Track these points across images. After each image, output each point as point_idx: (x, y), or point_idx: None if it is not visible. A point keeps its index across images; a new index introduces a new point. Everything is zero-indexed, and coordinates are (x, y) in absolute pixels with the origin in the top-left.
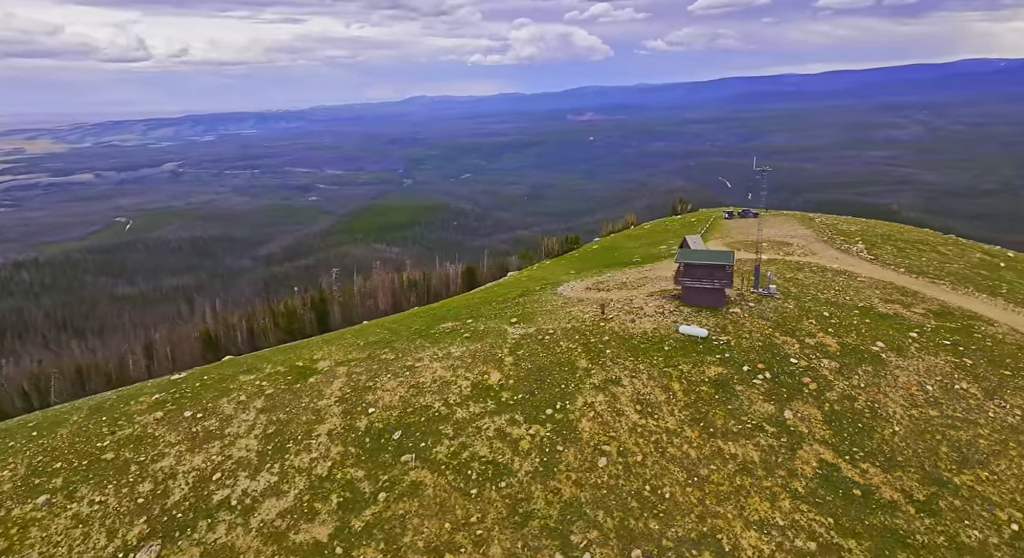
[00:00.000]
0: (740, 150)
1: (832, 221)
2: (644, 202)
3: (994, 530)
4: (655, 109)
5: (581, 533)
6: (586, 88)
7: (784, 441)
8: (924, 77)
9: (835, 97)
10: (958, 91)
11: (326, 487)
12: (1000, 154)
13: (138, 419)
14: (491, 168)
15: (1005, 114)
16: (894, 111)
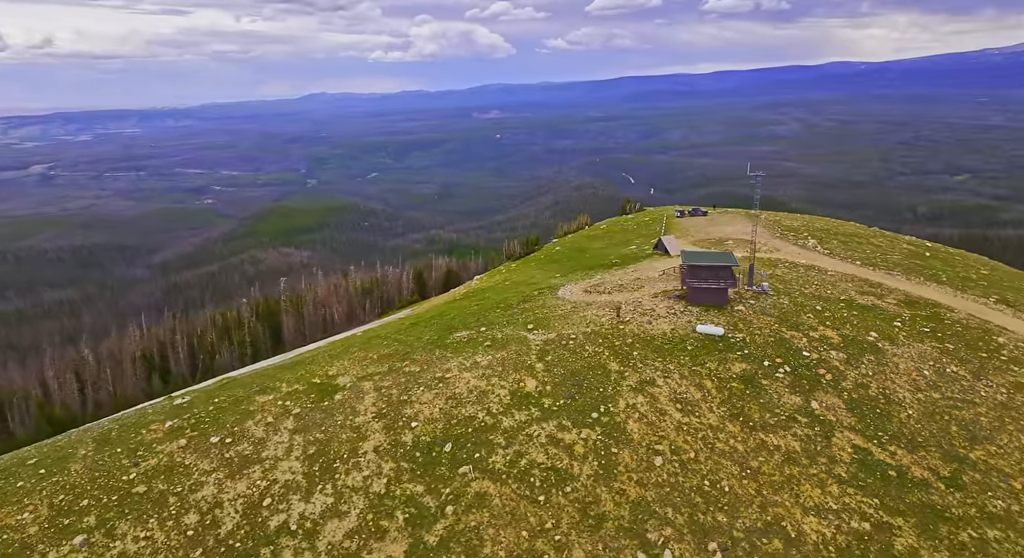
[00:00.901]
0: (640, 147)
1: (776, 218)
2: (551, 198)
3: (1013, 498)
4: (559, 107)
5: (656, 531)
6: (490, 86)
7: (818, 430)
8: (799, 77)
9: (723, 96)
10: (828, 91)
11: (387, 504)
12: (867, 148)
13: (160, 448)
14: (399, 167)
15: (869, 112)
16: (775, 109)
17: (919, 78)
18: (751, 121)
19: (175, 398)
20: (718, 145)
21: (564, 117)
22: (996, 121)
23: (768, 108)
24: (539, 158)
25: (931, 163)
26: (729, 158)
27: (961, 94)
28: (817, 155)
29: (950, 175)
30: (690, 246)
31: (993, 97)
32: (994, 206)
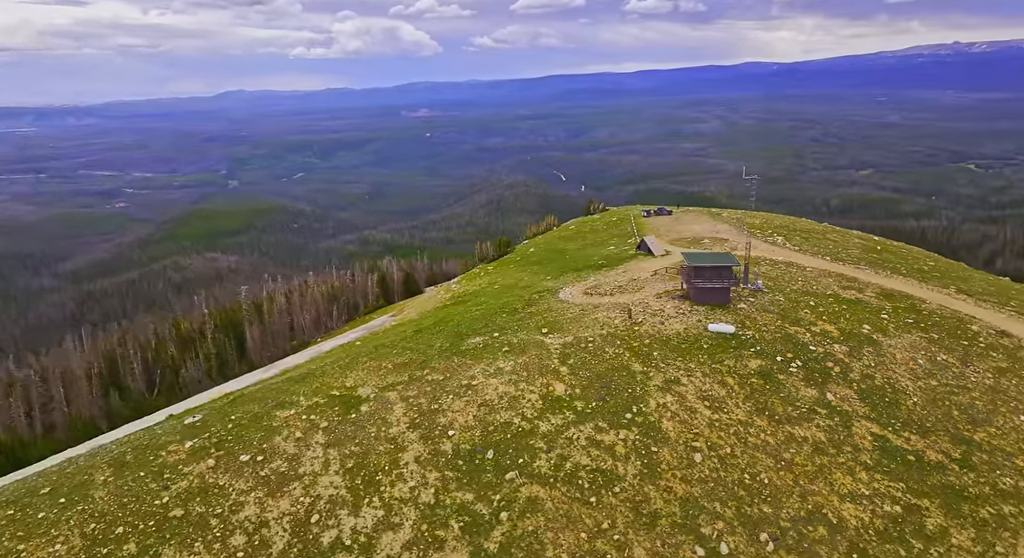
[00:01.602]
0: (571, 145)
1: (737, 215)
2: (485, 197)
3: (1019, 475)
4: (488, 105)
5: (708, 525)
6: (418, 84)
7: (838, 421)
8: (718, 77)
9: (648, 94)
10: (745, 90)
11: (439, 514)
12: (783, 146)
13: (187, 470)
14: (326, 166)
15: (782, 110)
16: (697, 107)
17: (825, 78)
18: (676, 119)
19: (183, 417)
20: (645, 142)
21: (494, 115)
22: (893, 119)
23: (691, 106)
24: (470, 157)
25: (839, 159)
26: (657, 155)
27: (862, 94)
28: (738, 152)
29: (856, 170)
30: (669, 246)
31: (890, 97)
32: (896, 199)
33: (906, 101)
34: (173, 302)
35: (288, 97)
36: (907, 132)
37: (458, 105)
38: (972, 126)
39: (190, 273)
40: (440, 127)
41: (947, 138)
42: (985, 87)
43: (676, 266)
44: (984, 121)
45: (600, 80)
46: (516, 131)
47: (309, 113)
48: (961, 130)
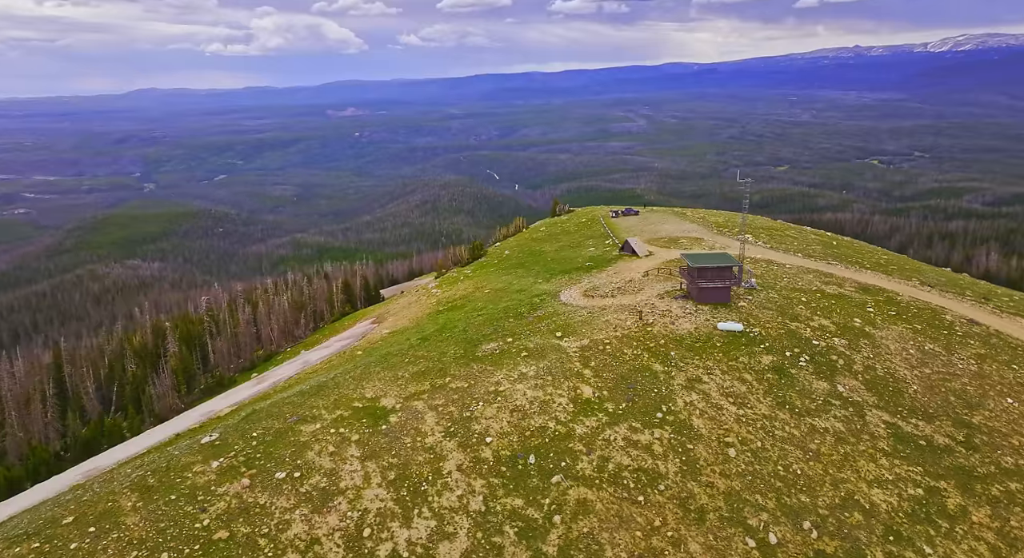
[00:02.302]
0: (502, 143)
1: (702, 214)
2: (419, 197)
3: (1017, 454)
4: (416, 104)
5: (754, 516)
6: (343, 82)
7: (852, 411)
8: (642, 77)
9: (575, 93)
10: (667, 90)
11: (492, 521)
12: (704, 143)
13: (221, 491)
14: (250, 168)
15: (703, 110)
16: (624, 106)
17: (741, 79)
18: (603, 118)
19: (196, 436)
20: (575, 141)
21: (423, 114)
22: (805, 118)
23: (617, 105)
24: (401, 156)
25: (757, 155)
26: (587, 153)
27: (775, 93)
28: (665, 150)
29: (773, 166)
30: (650, 246)
31: (801, 97)
32: (811, 193)
33: (815, 101)
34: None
35: (206, 96)
36: (817, 130)
37: (386, 104)
38: (873, 124)
39: (109, 282)
40: (369, 126)
41: (853, 135)
42: (883, 88)
43: (663, 266)
44: (883, 120)
45: (528, 79)
46: (447, 130)
47: (229, 112)
48: (864, 128)
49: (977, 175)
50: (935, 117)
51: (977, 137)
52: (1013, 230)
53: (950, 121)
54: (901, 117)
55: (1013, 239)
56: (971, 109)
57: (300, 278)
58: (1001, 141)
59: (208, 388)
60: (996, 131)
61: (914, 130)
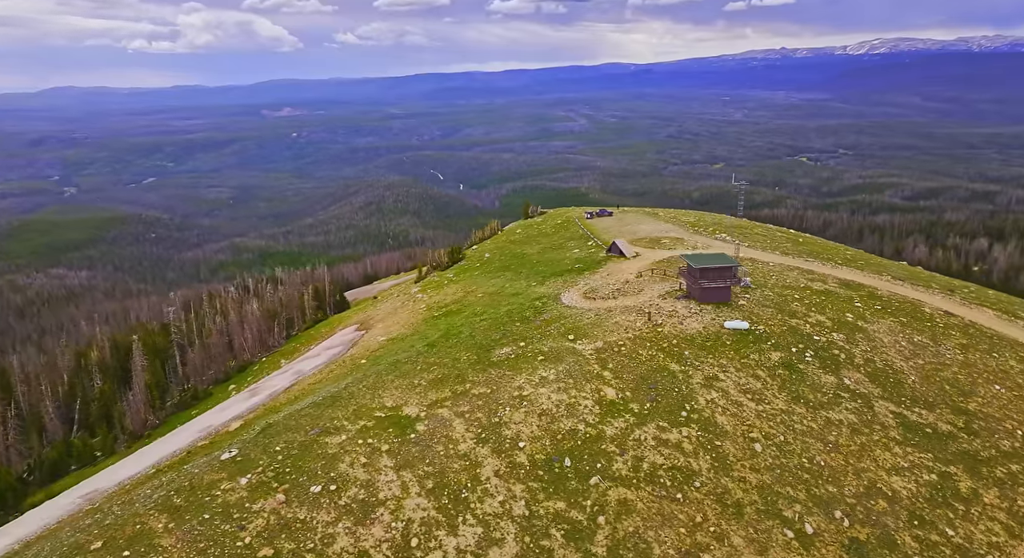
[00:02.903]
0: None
1: (673, 214)
2: (363, 198)
3: (1012, 437)
4: (356, 104)
5: (788, 508)
6: (278, 82)
7: (860, 403)
8: (581, 77)
9: (516, 93)
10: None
11: (537, 525)
12: (644, 142)
13: (257, 507)
14: (181, 170)
15: (642, 109)
16: (565, 106)
17: (677, 79)
18: (545, 117)
19: (214, 451)
20: (518, 140)
21: (363, 114)
22: (738, 117)
23: (558, 105)
24: (342, 157)
25: (694, 154)
26: (530, 153)
27: (709, 94)
28: (606, 149)
29: (709, 164)
30: (635, 247)
31: (733, 97)
32: (749, 190)
33: (747, 100)
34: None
35: (129, 95)
36: (750, 129)
37: (324, 103)
38: (801, 123)
39: (33, 294)
40: (307, 126)
41: (783, 134)
42: (808, 88)
43: (655, 267)
44: (810, 119)
45: (469, 78)
46: (388, 130)
47: (156, 112)
48: (793, 127)
49: (896, 171)
50: (856, 116)
51: (894, 135)
52: (934, 223)
53: (870, 120)
54: (826, 116)
55: (935, 231)
56: (887, 109)
57: (263, 284)
58: (915, 139)
59: (182, 402)
60: (910, 129)
61: (838, 128)
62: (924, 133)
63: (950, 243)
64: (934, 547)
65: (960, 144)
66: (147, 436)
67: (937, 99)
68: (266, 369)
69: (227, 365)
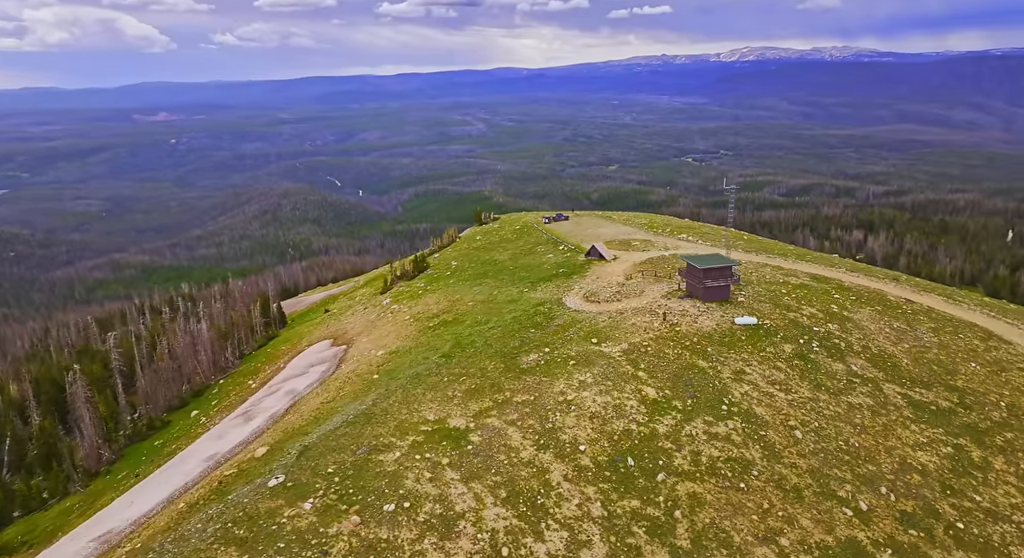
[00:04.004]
0: (340, 148)
1: (626, 217)
2: (257, 207)
3: (1000, 408)
4: (240, 108)
5: (840, 488)
6: (150, 84)
7: (871, 387)
8: (475, 81)
9: (411, 97)
10: (501, 93)
11: (618, 524)
12: (541, 145)
13: (333, 531)
14: (40, 181)
15: (536, 113)
16: (461, 110)
17: (568, 83)
18: (442, 121)
19: (256, 479)
20: (416, 145)
21: (249, 119)
22: (627, 120)
23: (454, 109)
24: (228, 164)
25: (590, 156)
26: (429, 157)
27: (599, 98)
28: (505, 152)
29: (605, 166)
30: (611, 250)
31: (622, 101)
32: (643, 190)
33: (634, 104)
34: None
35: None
36: (639, 131)
37: (204, 108)
38: (685, 126)
39: None
40: (187, 132)
41: (669, 136)
42: (689, 93)
43: (641, 268)
44: (693, 121)
45: (361, 82)
46: (278, 135)
47: (5, 117)
48: (678, 129)
49: (771, 170)
50: (732, 119)
51: (766, 137)
52: (815, 217)
53: (745, 123)
54: (706, 119)
55: (816, 224)
56: (758, 112)
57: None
58: (785, 140)
59: (137, 432)
60: (780, 131)
61: (717, 131)
62: (792, 135)
63: (832, 235)
64: (969, 513)
65: (822, 144)
66: (105, 472)
67: (800, 103)
68: (231, 391)
69: (180, 390)
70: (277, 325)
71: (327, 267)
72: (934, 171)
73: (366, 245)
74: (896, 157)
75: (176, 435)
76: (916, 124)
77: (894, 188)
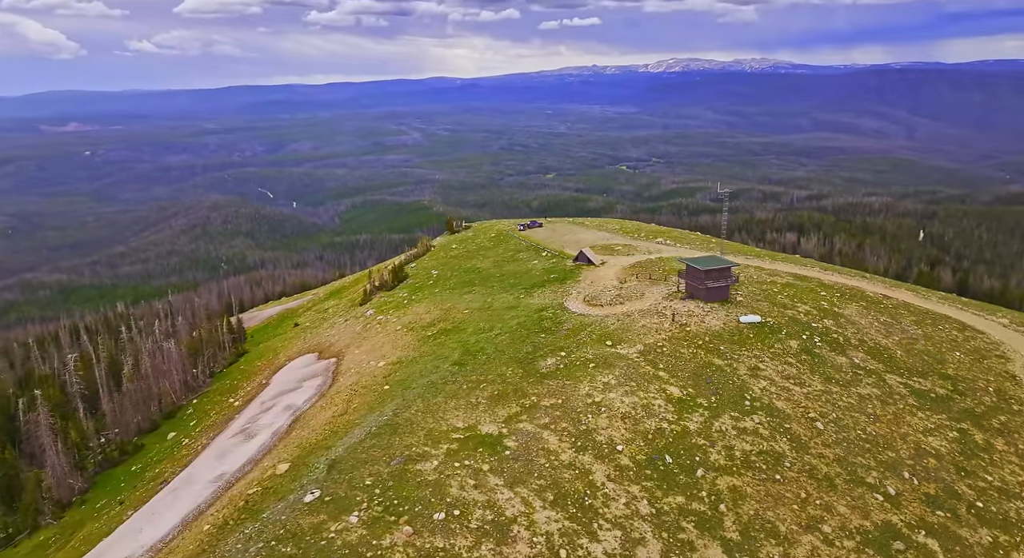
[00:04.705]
0: (271, 159)
1: (598, 223)
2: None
3: (990, 393)
4: (161, 118)
5: (867, 475)
6: (59, 93)
7: (875, 378)
8: (408, 90)
9: (343, 106)
10: (435, 103)
11: (667, 520)
12: (478, 154)
13: (387, 543)
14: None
15: (471, 123)
16: (396, 119)
17: (502, 93)
18: (377, 131)
19: (289, 496)
20: (351, 155)
21: (173, 129)
22: (562, 129)
23: (388, 119)
24: (151, 177)
25: (527, 165)
26: (365, 167)
27: (533, 107)
28: (442, 162)
29: (542, 174)
30: (598, 255)
31: (555, 110)
32: (581, 198)
33: (568, 114)
34: None
35: None
36: (574, 140)
37: (121, 118)
38: (618, 134)
39: None
40: (103, 143)
41: (603, 144)
42: (620, 103)
43: (633, 272)
44: (625, 130)
45: (290, 92)
46: (204, 146)
47: None
48: (611, 138)
49: (701, 176)
50: (662, 128)
51: (694, 144)
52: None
53: (674, 131)
54: (638, 128)
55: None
56: (686, 121)
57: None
58: (712, 147)
59: (107, 459)
60: (707, 139)
61: (649, 139)
62: (718, 142)
63: (768, 237)
64: (984, 492)
65: (746, 152)
66: (79, 503)
67: (724, 112)
68: (211, 411)
69: (150, 412)
70: (241, 341)
71: (274, 281)
72: (847, 176)
73: (304, 258)
74: (814, 163)
75: (156, 459)
76: (829, 132)
77: (815, 192)
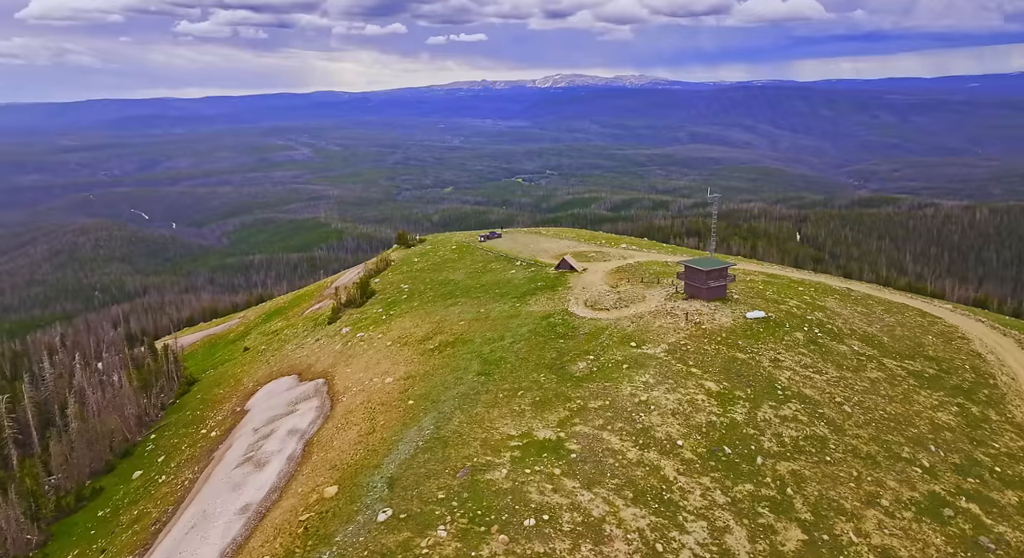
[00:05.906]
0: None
1: (554, 232)
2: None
3: (969, 371)
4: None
5: (900, 450)
6: None
7: (876, 363)
8: (293, 104)
9: (223, 121)
10: (323, 118)
11: (743, 507)
12: (373, 169)
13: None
14: None
15: (363, 137)
16: (282, 134)
17: (392, 107)
18: (262, 147)
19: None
20: (235, 172)
21: (23, 147)
22: (456, 143)
23: (274, 134)
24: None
25: (424, 179)
26: (252, 185)
27: (426, 121)
28: (336, 177)
29: (440, 188)
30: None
31: (448, 124)
32: (482, 210)
33: (460, 127)
34: None
35: None
36: (469, 154)
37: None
38: (512, 147)
39: None
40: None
41: (498, 158)
42: (511, 116)
43: (622, 276)
44: (518, 143)
45: (162, 106)
46: (63, 165)
47: None
48: (505, 151)
49: (594, 187)
50: (553, 141)
51: (584, 156)
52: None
53: (565, 144)
54: (530, 141)
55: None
56: (575, 135)
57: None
58: (601, 159)
59: (63, 507)
60: (596, 152)
61: (541, 152)
62: (606, 155)
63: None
64: (997, 458)
65: (633, 163)
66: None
67: (609, 126)
68: (181, 444)
69: (105, 453)
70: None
71: (179, 306)
72: (725, 185)
73: (193, 282)
74: (694, 173)
75: (128, 500)
76: (704, 143)
77: (699, 200)
